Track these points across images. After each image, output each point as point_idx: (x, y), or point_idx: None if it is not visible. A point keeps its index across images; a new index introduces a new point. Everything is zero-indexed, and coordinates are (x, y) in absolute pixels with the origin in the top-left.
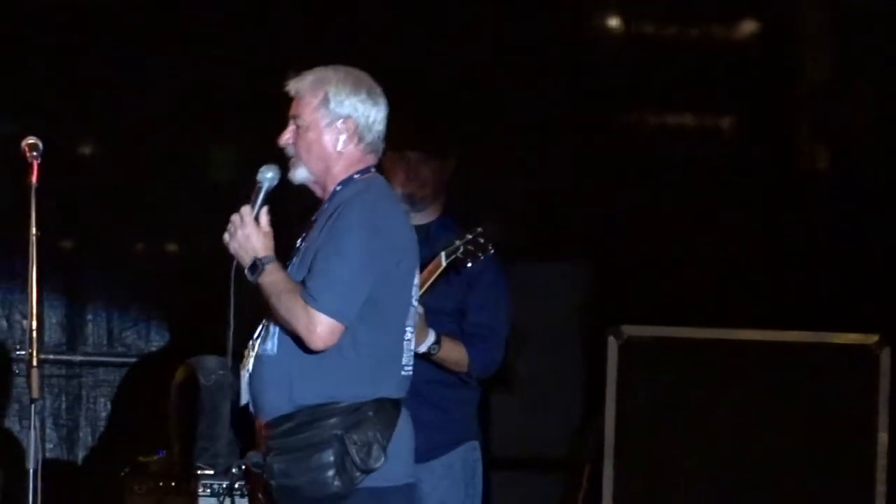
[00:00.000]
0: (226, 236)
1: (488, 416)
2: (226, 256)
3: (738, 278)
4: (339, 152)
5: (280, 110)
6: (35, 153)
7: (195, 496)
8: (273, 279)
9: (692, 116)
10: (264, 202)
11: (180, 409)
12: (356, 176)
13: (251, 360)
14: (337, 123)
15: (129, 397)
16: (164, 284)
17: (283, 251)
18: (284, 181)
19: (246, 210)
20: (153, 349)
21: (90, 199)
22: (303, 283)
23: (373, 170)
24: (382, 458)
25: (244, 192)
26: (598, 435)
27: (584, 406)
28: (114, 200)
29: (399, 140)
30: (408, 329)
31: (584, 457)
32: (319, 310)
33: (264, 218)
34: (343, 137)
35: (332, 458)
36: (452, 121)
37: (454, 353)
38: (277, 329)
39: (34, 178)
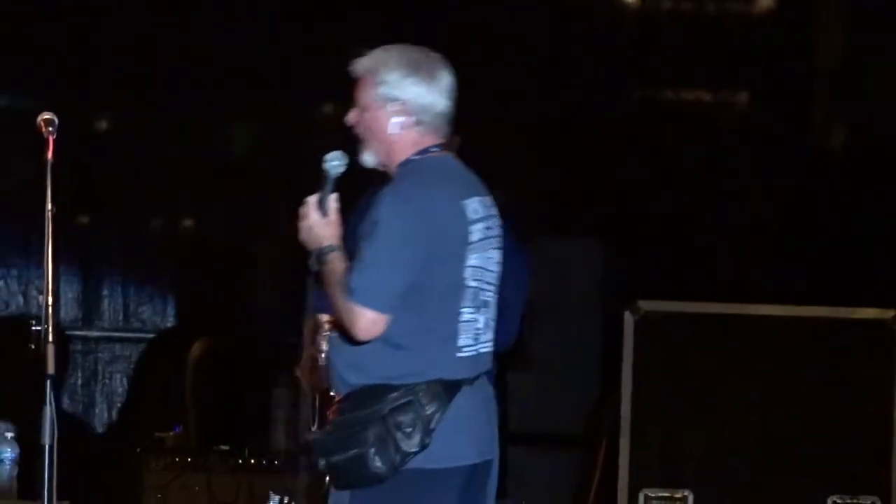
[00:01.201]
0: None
1: (505, 392)
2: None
3: (755, 254)
4: (396, 135)
5: (300, 86)
6: (51, 129)
7: (218, 471)
8: (330, 269)
9: (709, 93)
10: (332, 189)
11: (196, 384)
12: (415, 157)
13: (326, 341)
14: (390, 107)
15: (145, 373)
16: (179, 260)
17: None
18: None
19: (311, 199)
20: (169, 324)
21: (106, 174)
22: None
23: (435, 149)
24: (426, 441)
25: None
26: (614, 411)
27: (600, 382)
28: (130, 176)
29: None
30: (464, 310)
31: (600, 433)
32: (358, 303)
33: (333, 205)
34: (397, 120)
35: (371, 438)
36: (467, 98)
37: None
38: None
39: (50, 154)
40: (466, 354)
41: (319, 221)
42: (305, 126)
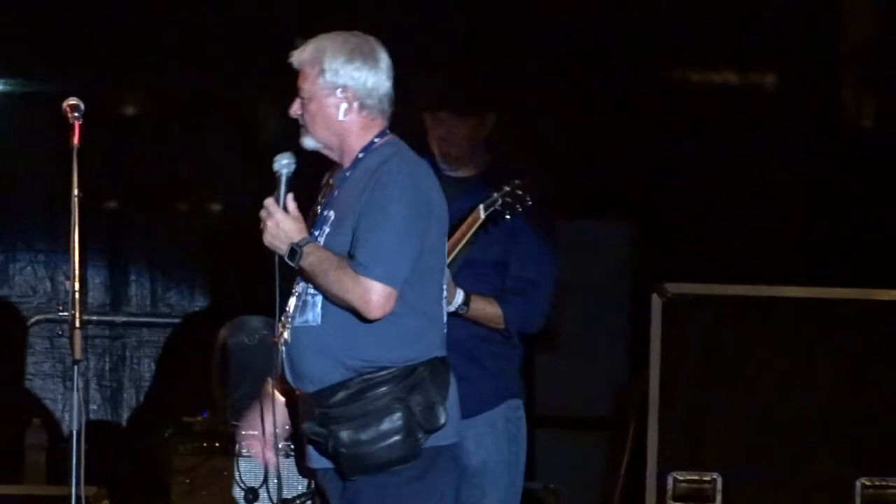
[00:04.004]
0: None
1: (532, 374)
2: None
3: (783, 235)
4: (343, 121)
5: None
6: (77, 114)
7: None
8: (316, 258)
9: (736, 73)
10: (288, 189)
11: (224, 369)
12: (376, 140)
13: (287, 333)
14: (336, 93)
15: (172, 358)
16: (207, 245)
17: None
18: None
19: (269, 201)
20: (196, 309)
21: (133, 159)
22: (348, 254)
23: (388, 132)
24: (444, 417)
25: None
26: (642, 393)
27: (628, 364)
28: (157, 161)
29: (433, 101)
30: (442, 291)
31: (628, 415)
32: (372, 278)
33: (291, 204)
34: (344, 106)
35: (400, 423)
36: (495, 79)
37: (487, 311)
38: (319, 300)
39: (76, 140)
40: (444, 331)
41: (285, 219)
42: None
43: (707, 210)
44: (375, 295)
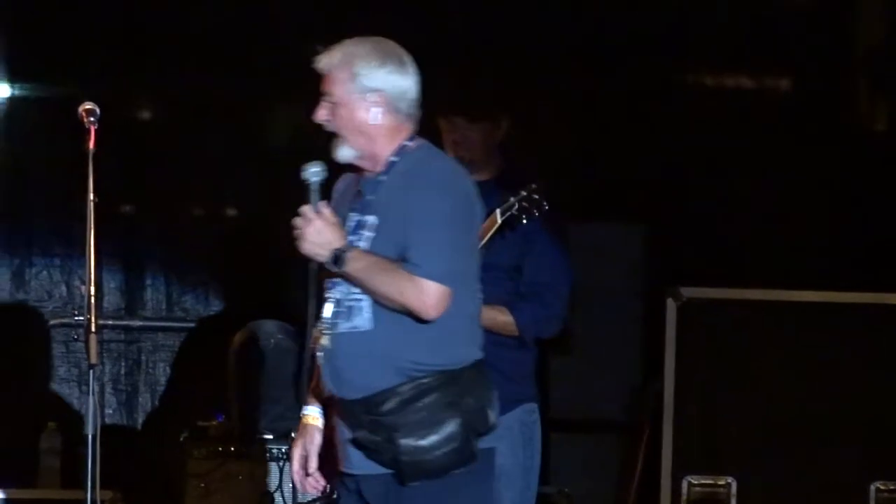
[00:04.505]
0: (298, 242)
1: (547, 378)
2: (302, 258)
3: (797, 239)
4: (375, 125)
5: None
6: (92, 119)
7: (261, 460)
8: (364, 264)
9: (749, 76)
10: (319, 197)
11: (239, 373)
12: (408, 144)
13: (327, 339)
14: (368, 97)
15: (187, 362)
16: (222, 249)
17: None
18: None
19: (306, 209)
20: (212, 313)
21: (148, 163)
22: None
23: (416, 136)
24: (494, 418)
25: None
26: (656, 397)
27: (642, 368)
28: (172, 165)
29: (446, 106)
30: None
31: (643, 419)
32: (428, 277)
33: (326, 211)
34: (376, 111)
35: (458, 428)
36: (504, 83)
37: (497, 320)
38: (365, 305)
39: (91, 144)
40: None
41: (326, 225)
42: None
43: (719, 213)
44: (432, 294)
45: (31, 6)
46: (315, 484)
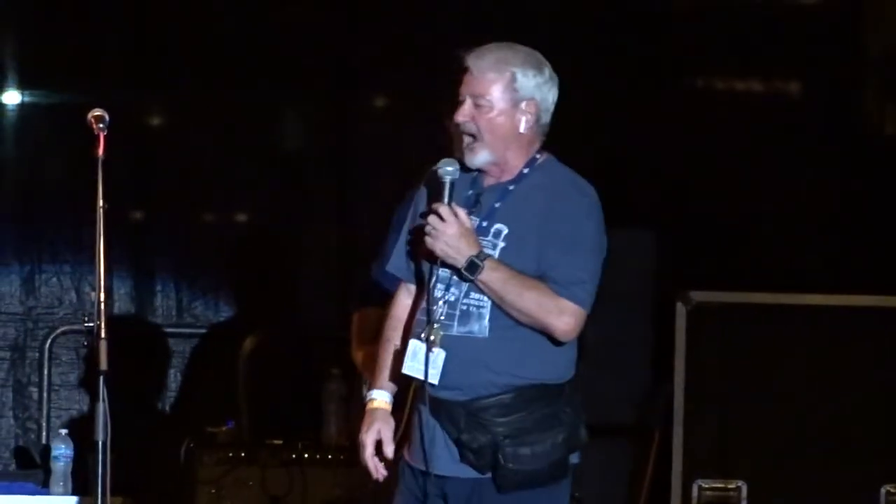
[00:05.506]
0: (427, 239)
1: None
2: (432, 257)
3: (807, 243)
4: (522, 134)
5: (351, 79)
6: (101, 125)
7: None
8: (502, 275)
9: (759, 80)
10: (451, 197)
11: (249, 379)
12: (537, 156)
13: (439, 339)
14: (521, 105)
15: (197, 368)
16: (232, 255)
17: None
18: None
19: (446, 209)
20: (222, 320)
21: (158, 169)
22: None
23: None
24: (585, 435)
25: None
26: (667, 401)
27: (652, 372)
28: (182, 171)
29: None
30: None
31: (653, 423)
32: (572, 300)
33: (462, 213)
34: (526, 119)
35: (562, 441)
36: None
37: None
38: (486, 312)
39: (101, 150)
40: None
41: (465, 231)
42: (356, 119)
43: (729, 217)
44: (574, 317)
45: (42, 14)
46: (384, 470)
